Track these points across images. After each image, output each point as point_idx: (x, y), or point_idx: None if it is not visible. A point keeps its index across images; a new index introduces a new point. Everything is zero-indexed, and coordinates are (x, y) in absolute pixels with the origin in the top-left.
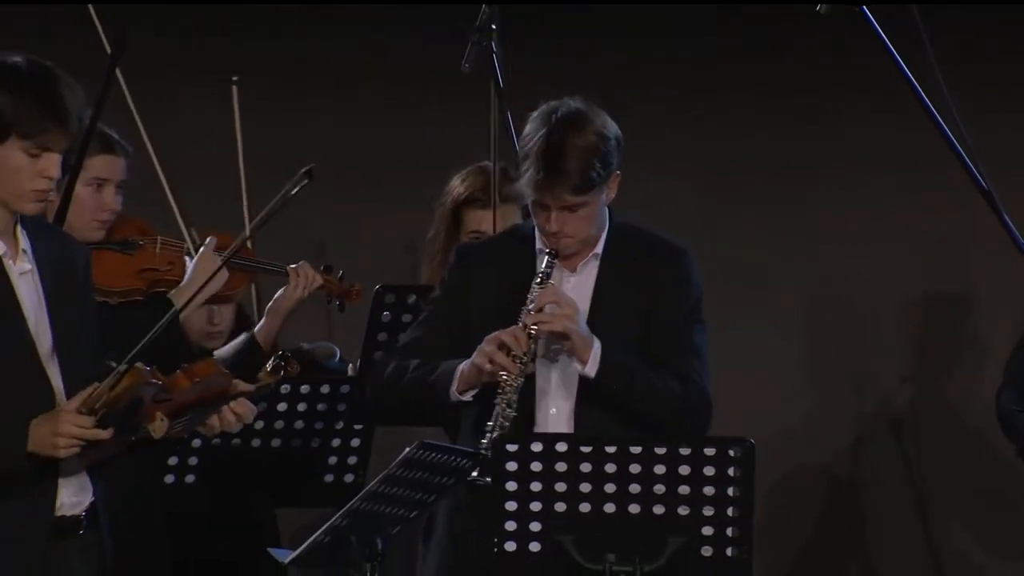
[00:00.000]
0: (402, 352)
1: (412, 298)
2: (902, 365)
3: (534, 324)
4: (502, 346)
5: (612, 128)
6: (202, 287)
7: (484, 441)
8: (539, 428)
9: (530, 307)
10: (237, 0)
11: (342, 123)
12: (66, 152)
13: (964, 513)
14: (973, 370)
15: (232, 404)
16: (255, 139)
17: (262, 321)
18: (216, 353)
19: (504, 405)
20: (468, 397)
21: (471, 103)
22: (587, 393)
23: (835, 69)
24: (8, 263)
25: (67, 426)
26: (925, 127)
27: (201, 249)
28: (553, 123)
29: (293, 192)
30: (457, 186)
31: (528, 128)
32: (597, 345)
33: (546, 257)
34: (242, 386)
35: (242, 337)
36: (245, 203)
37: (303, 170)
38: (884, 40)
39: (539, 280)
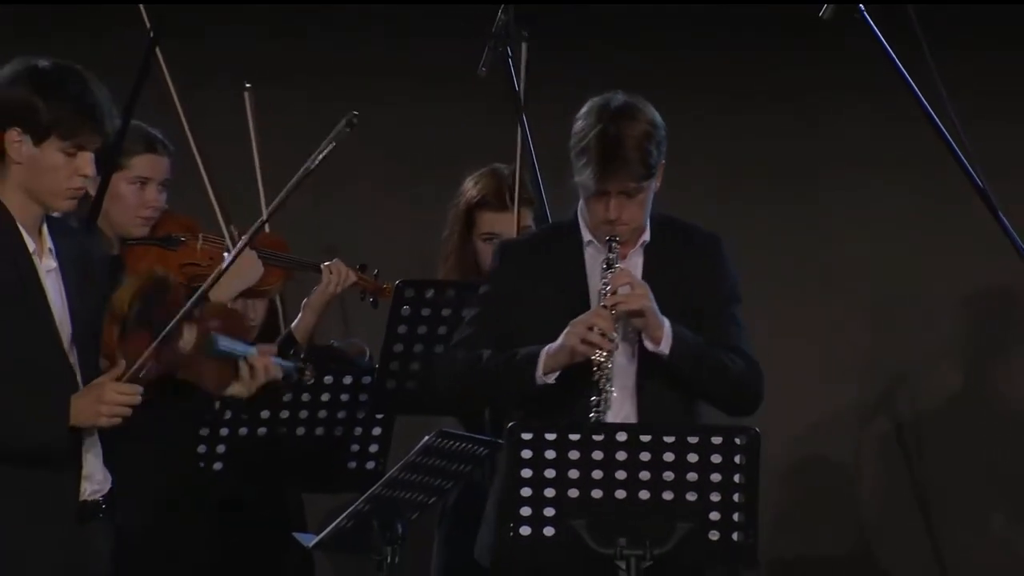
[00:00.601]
0: (457, 348)
1: (431, 292)
2: (905, 360)
3: (614, 304)
4: (592, 327)
5: (658, 117)
6: (227, 267)
7: (592, 416)
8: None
9: (605, 291)
10: (257, 1)
11: (360, 124)
12: (99, 150)
13: (1006, 509)
14: (989, 365)
15: (260, 357)
16: (273, 140)
17: (298, 317)
18: None
19: (604, 381)
20: (552, 379)
21: (485, 104)
22: (649, 373)
23: (835, 71)
24: (36, 260)
25: (111, 394)
26: (924, 128)
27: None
28: (607, 116)
29: (333, 144)
30: (470, 189)
31: (579, 124)
32: (667, 324)
33: (610, 243)
34: (264, 347)
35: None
36: (263, 204)
37: (346, 118)
38: (882, 41)
39: (606, 266)
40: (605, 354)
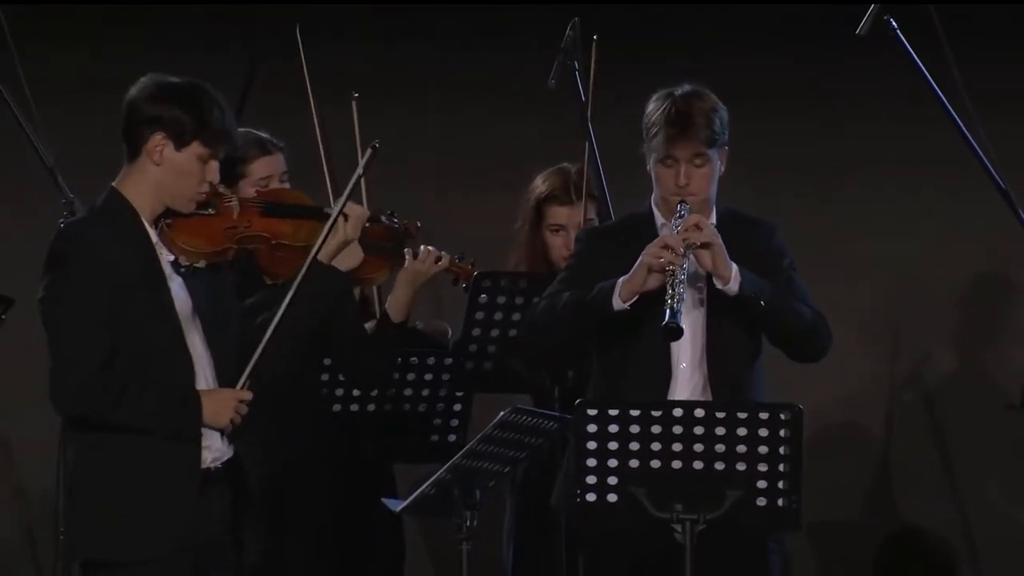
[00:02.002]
0: (542, 300)
1: (505, 282)
2: (928, 341)
3: (684, 231)
4: (663, 246)
5: (722, 104)
6: (324, 240)
7: (668, 301)
8: (671, 349)
9: (676, 230)
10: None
11: (448, 128)
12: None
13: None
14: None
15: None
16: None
17: (392, 292)
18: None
19: (679, 283)
20: (628, 305)
21: (555, 111)
22: (718, 314)
23: (860, 75)
24: (159, 251)
25: (241, 407)
26: (940, 129)
27: None
28: (676, 95)
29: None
30: (539, 185)
31: (650, 107)
32: (735, 265)
33: (680, 205)
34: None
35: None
36: (364, 203)
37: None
38: (912, 55)
39: (678, 216)
40: (679, 265)
